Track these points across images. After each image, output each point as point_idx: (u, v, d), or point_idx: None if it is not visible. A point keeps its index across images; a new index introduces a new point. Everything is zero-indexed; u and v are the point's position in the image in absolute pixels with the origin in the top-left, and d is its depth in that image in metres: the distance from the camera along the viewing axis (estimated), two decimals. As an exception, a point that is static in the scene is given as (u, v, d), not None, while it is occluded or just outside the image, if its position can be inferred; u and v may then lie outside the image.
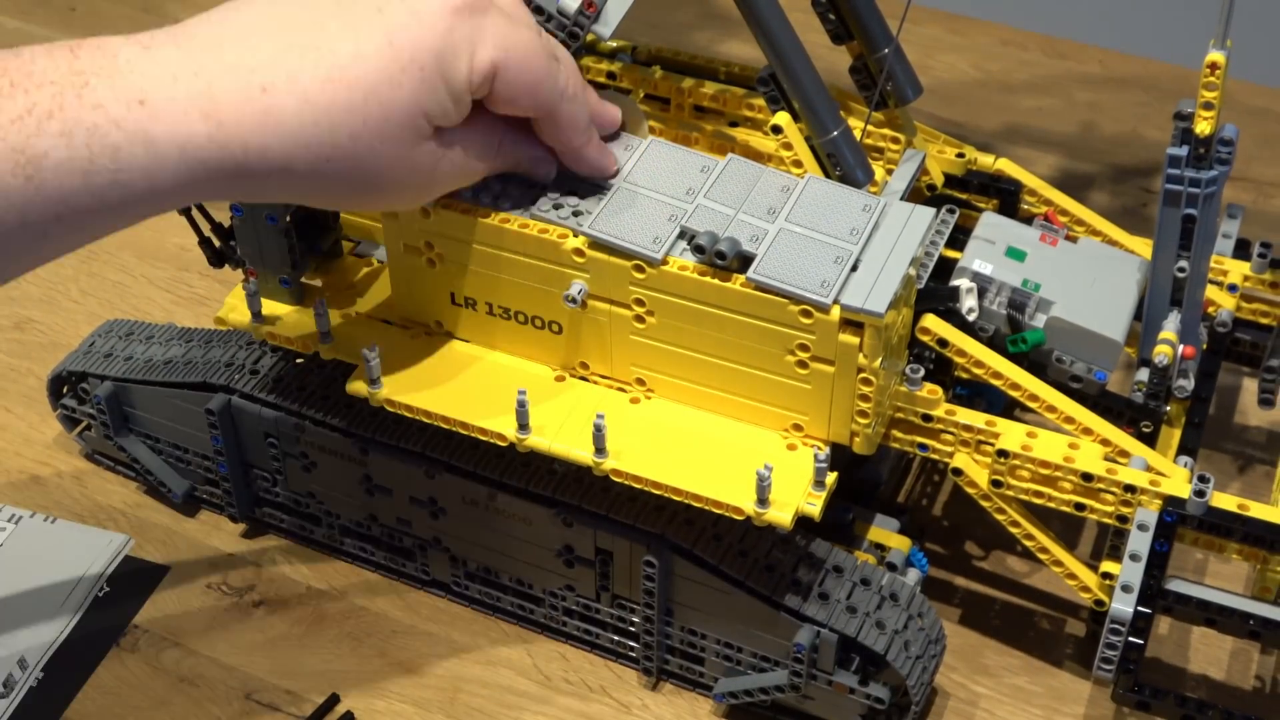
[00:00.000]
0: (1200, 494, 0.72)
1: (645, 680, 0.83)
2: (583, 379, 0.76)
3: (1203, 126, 0.74)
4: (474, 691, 0.83)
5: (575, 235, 0.71)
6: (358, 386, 0.76)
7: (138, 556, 0.90)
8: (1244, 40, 0.78)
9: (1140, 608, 0.71)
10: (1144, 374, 0.80)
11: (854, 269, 0.69)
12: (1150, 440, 0.79)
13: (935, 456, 0.77)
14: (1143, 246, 0.86)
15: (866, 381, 0.70)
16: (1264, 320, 0.88)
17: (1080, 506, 0.75)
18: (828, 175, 0.80)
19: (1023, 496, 0.76)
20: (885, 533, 0.82)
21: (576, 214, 0.72)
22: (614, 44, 0.93)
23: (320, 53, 0.61)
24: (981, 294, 0.79)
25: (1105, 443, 0.75)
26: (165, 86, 0.59)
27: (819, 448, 0.72)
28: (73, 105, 0.57)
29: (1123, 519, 0.74)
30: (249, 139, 0.60)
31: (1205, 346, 0.85)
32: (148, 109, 0.58)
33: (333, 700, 0.82)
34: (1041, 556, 0.78)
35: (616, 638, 0.83)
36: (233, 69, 0.60)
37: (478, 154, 0.69)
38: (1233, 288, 0.87)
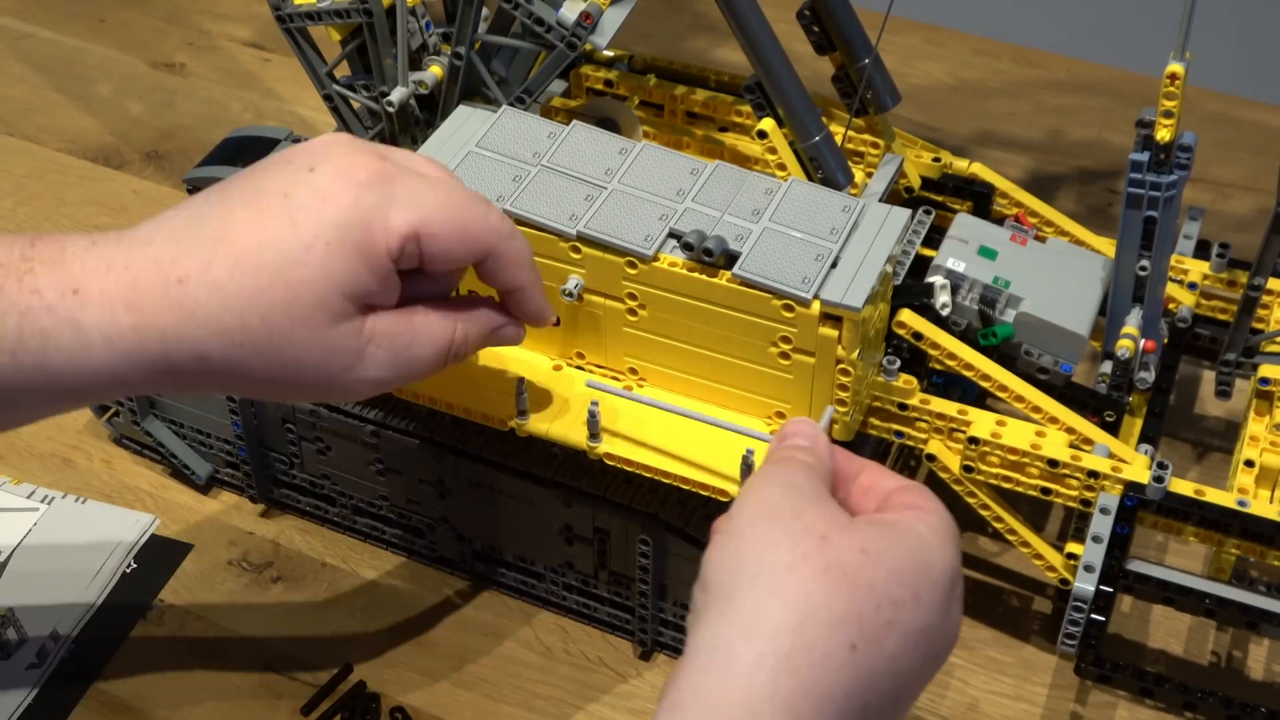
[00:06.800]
0: (1160, 480, 0.72)
1: (640, 651, 0.83)
2: (579, 368, 0.76)
3: (1163, 133, 0.74)
4: (479, 662, 0.82)
5: (571, 233, 0.71)
6: (368, 376, 0.76)
7: (163, 535, 0.89)
8: (1203, 47, 0.78)
9: (1102, 586, 0.71)
10: (1108, 366, 0.80)
11: (834, 266, 0.69)
12: (1113, 429, 0.79)
13: (910, 443, 0.77)
14: (1107, 246, 0.85)
15: (845, 372, 0.70)
16: (1222, 316, 0.87)
17: (1047, 491, 0.75)
18: (810, 178, 0.80)
19: (993, 481, 0.76)
20: (864, 514, 0.81)
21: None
22: (610, 53, 0.93)
23: (229, 243, 0.59)
24: (955, 290, 0.79)
25: (1070, 431, 0.75)
26: (99, 278, 0.58)
27: (801, 435, 0.72)
28: (13, 288, 0.58)
29: (1086, 503, 0.74)
30: (165, 327, 0.59)
31: (1166, 341, 0.85)
32: (79, 298, 0.58)
33: (346, 670, 0.82)
34: (1010, 538, 0.78)
35: (613, 611, 0.83)
36: (155, 262, 0.59)
37: (421, 340, 0.63)
38: (1192, 285, 0.87)
